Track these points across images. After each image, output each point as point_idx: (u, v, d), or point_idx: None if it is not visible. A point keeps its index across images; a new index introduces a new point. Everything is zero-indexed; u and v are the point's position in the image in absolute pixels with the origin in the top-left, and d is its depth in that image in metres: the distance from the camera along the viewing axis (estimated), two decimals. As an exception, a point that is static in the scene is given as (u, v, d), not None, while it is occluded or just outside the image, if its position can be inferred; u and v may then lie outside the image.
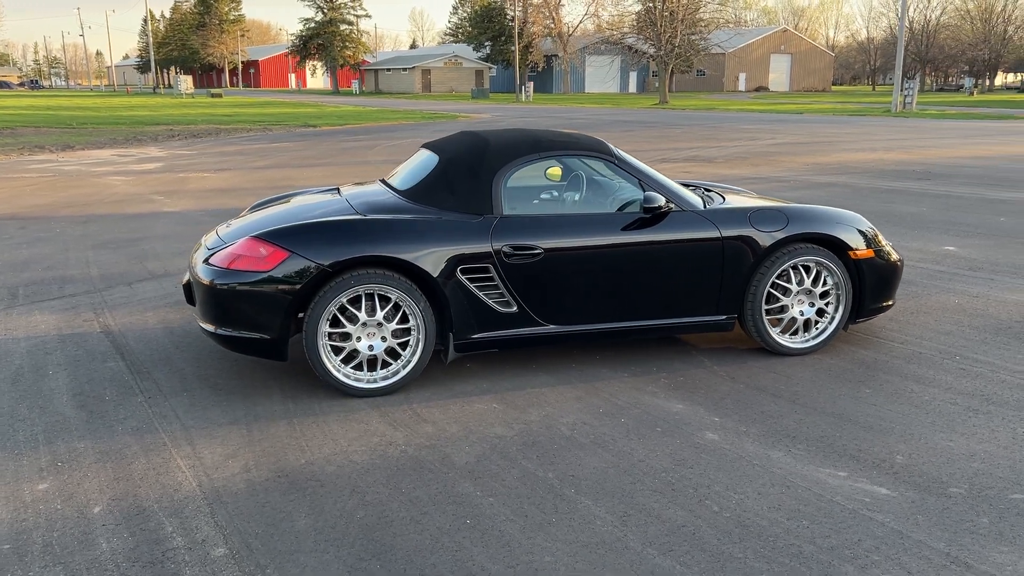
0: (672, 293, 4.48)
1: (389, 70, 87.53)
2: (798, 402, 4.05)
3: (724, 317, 4.61)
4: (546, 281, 4.29)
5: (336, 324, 4.07)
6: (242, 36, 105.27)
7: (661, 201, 4.35)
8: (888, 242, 4.92)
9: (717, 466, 3.39)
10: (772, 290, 4.62)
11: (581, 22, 76.36)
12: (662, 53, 49.63)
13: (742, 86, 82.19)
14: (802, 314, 4.68)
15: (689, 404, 4.03)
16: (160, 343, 4.97)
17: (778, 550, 2.78)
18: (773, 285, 4.61)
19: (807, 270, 4.64)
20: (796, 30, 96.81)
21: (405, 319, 4.14)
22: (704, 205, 4.64)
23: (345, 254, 3.97)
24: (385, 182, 4.96)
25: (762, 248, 4.51)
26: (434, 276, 4.10)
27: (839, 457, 3.46)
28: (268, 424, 3.80)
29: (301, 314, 4.11)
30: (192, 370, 4.51)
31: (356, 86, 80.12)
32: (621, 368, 4.52)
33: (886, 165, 14.69)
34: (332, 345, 4.08)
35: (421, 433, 3.71)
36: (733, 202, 4.86)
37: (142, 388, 4.25)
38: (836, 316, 4.72)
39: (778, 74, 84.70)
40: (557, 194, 5.03)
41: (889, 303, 4.90)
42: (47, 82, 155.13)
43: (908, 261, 7.03)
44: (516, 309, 4.28)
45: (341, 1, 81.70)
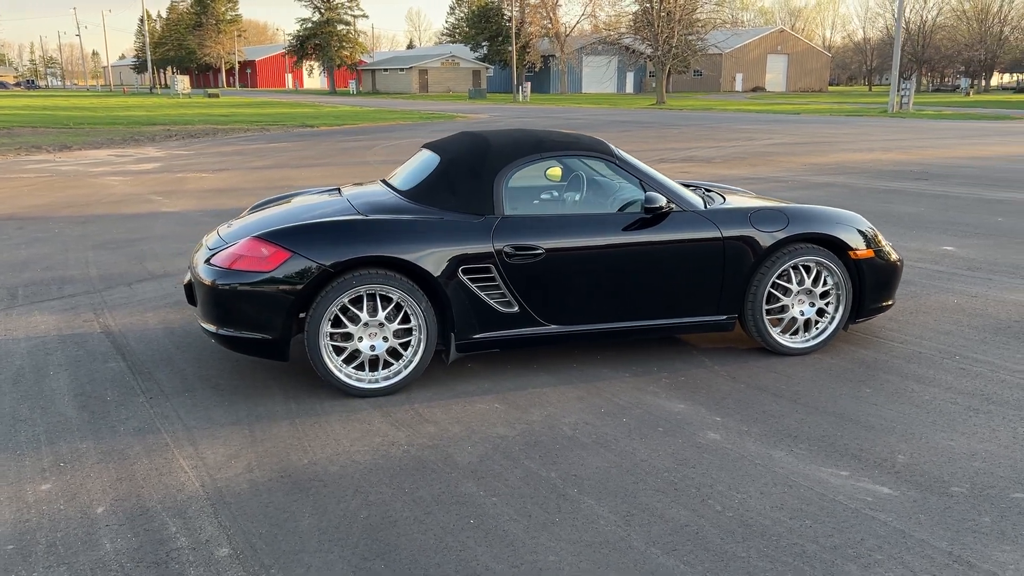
0: (673, 293, 4.49)
1: (386, 70, 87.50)
2: (799, 402, 4.06)
3: (725, 317, 4.62)
4: (547, 281, 4.29)
5: (338, 324, 4.07)
6: (239, 36, 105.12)
7: (662, 201, 4.36)
8: (888, 242, 4.93)
9: (719, 466, 3.40)
10: (772, 290, 4.63)
11: (578, 22, 76.41)
12: (659, 53, 49.66)
13: (739, 86, 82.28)
14: (802, 314, 4.69)
15: (690, 404, 4.04)
16: (161, 343, 4.97)
17: (781, 549, 2.79)
18: (773, 285, 4.62)
19: (807, 270, 4.65)
20: (793, 30, 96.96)
21: (407, 319, 4.15)
22: (705, 205, 4.65)
23: (347, 254, 3.97)
24: (386, 182, 4.96)
25: (763, 248, 4.52)
26: (436, 276, 4.10)
27: (841, 456, 3.47)
28: (270, 424, 3.81)
29: (303, 314, 4.11)
30: (193, 370, 4.51)
31: (353, 86, 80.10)
32: (622, 368, 4.53)
33: (884, 165, 14.72)
34: (334, 345, 4.08)
35: (423, 433, 3.72)
36: (734, 202, 4.87)
37: (144, 388, 4.25)
38: (836, 316, 4.74)
39: (775, 74, 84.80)
40: (557, 194, 5.04)
41: (889, 303, 4.91)
42: (43, 82, 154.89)
43: (907, 261, 7.05)
44: (517, 309, 4.29)
45: (338, 1, 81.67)
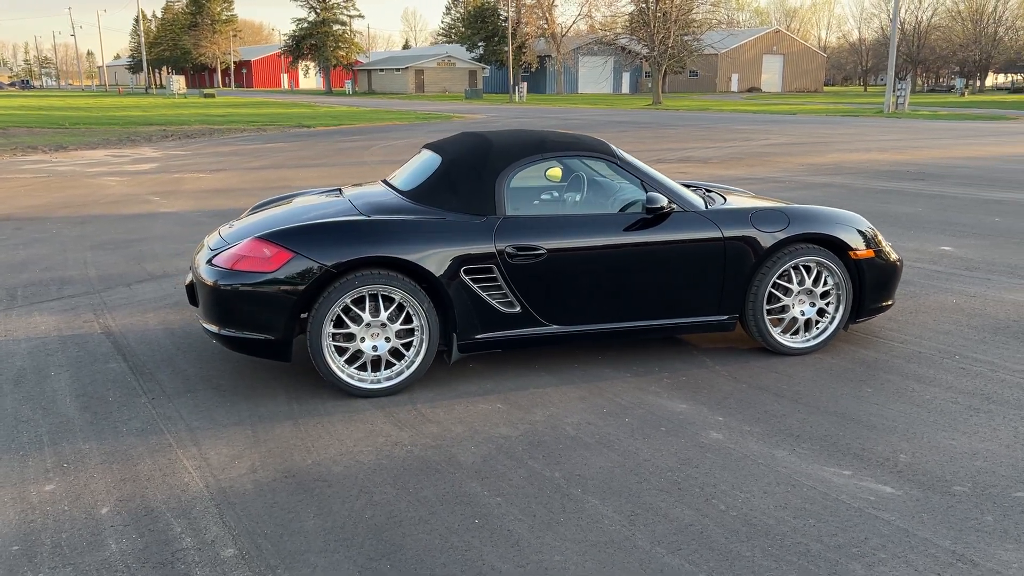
0: (674, 293, 4.50)
1: (382, 70, 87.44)
2: (800, 401, 4.07)
3: (726, 317, 4.63)
4: (549, 281, 4.30)
5: (340, 325, 4.08)
6: (234, 36, 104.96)
7: (664, 202, 4.37)
8: (888, 242, 4.95)
9: (722, 465, 3.41)
10: (773, 290, 4.64)
11: (574, 23, 76.47)
12: (655, 54, 49.71)
13: (735, 87, 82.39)
14: (803, 314, 4.71)
15: (692, 404, 4.05)
16: (161, 344, 4.97)
17: (786, 548, 2.80)
18: (774, 285, 4.63)
19: (808, 270, 4.67)
20: (788, 31, 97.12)
21: (409, 320, 4.15)
22: (706, 206, 4.66)
23: (349, 255, 3.97)
24: (387, 183, 4.97)
25: (763, 248, 4.54)
26: (438, 276, 4.10)
27: (843, 456, 3.48)
28: (273, 425, 3.81)
29: (305, 315, 4.11)
30: (195, 371, 4.50)
31: (349, 86, 79.99)
32: (623, 368, 4.54)
33: (880, 166, 14.76)
34: (336, 346, 4.08)
35: (426, 433, 3.72)
36: (734, 203, 4.88)
37: (145, 389, 4.25)
38: (837, 316, 4.75)
39: (770, 75, 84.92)
40: (558, 195, 5.05)
41: (889, 303, 4.93)
42: (38, 82, 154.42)
43: (905, 261, 7.07)
44: (519, 309, 4.30)
45: (334, 1, 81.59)
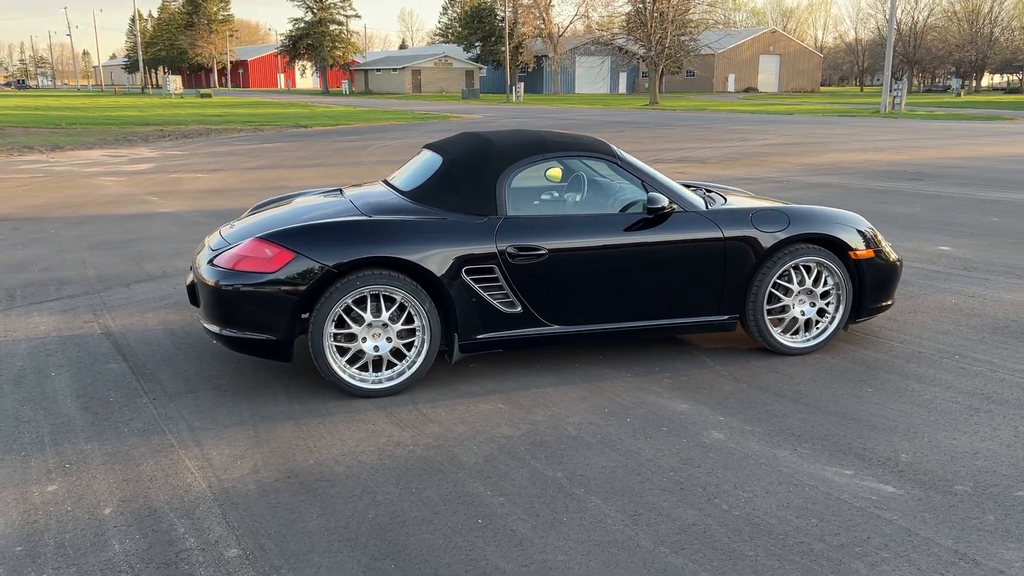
0: (675, 293, 4.50)
1: (379, 70, 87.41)
2: (801, 401, 4.08)
3: (726, 317, 4.64)
4: (550, 282, 4.30)
5: (341, 325, 4.08)
6: (231, 36, 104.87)
7: (664, 202, 4.38)
8: (888, 242, 4.96)
9: (724, 465, 3.41)
10: (773, 290, 4.65)
11: (571, 23, 76.51)
12: (652, 54, 49.73)
13: (731, 87, 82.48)
14: (803, 314, 4.71)
15: (693, 404, 4.05)
16: (162, 344, 4.96)
17: (788, 548, 2.81)
18: (774, 285, 4.64)
19: (808, 270, 4.68)
20: (785, 31, 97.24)
21: (410, 320, 4.15)
22: (706, 206, 4.67)
23: (351, 255, 3.97)
24: (388, 183, 4.97)
25: (764, 248, 4.54)
26: (439, 277, 4.11)
27: (844, 456, 3.49)
28: (274, 425, 3.81)
29: (306, 315, 4.11)
30: (195, 371, 4.50)
31: (346, 86, 79.94)
32: (624, 368, 4.54)
33: (878, 166, 14.79)
34: (338, 346, 4.08)
35: (428, 433, 3.72)
36: (734, 203, 4.89)
37: (146, 390, 4.24)
38: (837, 316, 4.76)
39: (767, 75, 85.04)
40: (558, 195, 5.05)
41: (888, 303, 4.94)
42: (34, 82, 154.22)
43: (904, 261, 7.08)
44: (520, 310, 4.30)
45: (331, 1, 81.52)
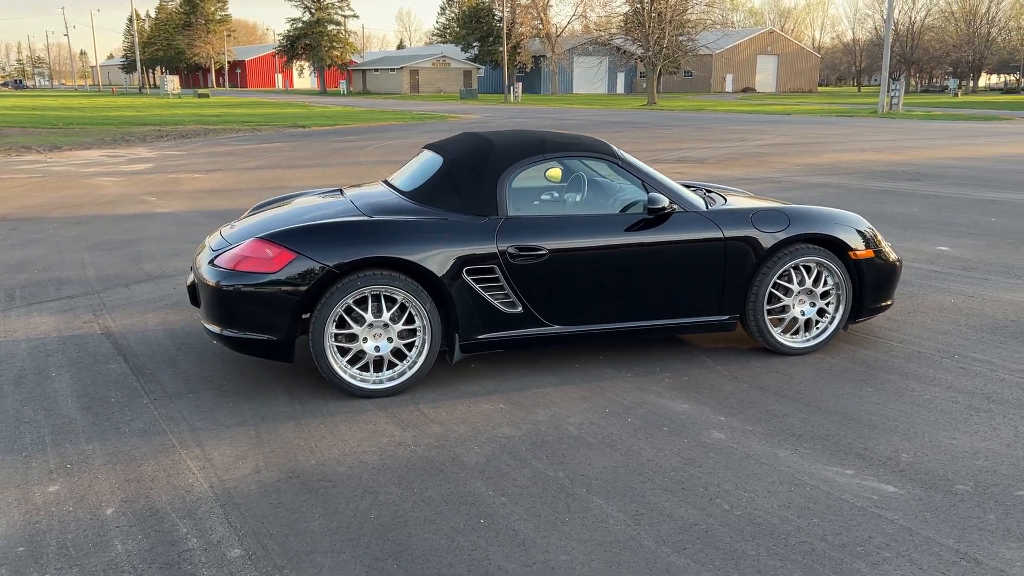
0: (676, 293, 4.51)
1: (377, 70, 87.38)
2: (802, 401, 4.08)
3: (727, 317, 4.64)
4: (551, 282, 4.31)
5: (342, 325, 4.08)
6: (228, 36, 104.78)
7: (665, 202, 4.38)
8: (887, 242, 4.97)
9: (725, 465, 3.42)
10: (774, 290, 4.65)
11: (569, 23, 76.50)
12: (650, 54, 49.75)
13: (729, 87, 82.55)
14: (803, 314, 4.72)
15: (694, 404, 4.06)
16: (162, 345, 4.96)
17: (790, 548, 2.82)
18: (775, 285, 4.64)
19: (808, 270, 4.68)
20: (782, 31, 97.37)
21: (411, 320, 4.15)
22: (706, 206, 4.68)
23: (352, 255, 3.97)
24: (388, 183, 4.97)
25: (764, 249, 4.55)
26: (440, 277, 4.11)
27: (845, 455, 3.49)
28: (276, 425, 3.81)
29: (307, 315, 4.11)
30: (196, 371, 4.50)
31: (343, 86, 79.90)
32: (624, 368, 4.55)
33: (876, 166, 14.81)
34: (339, 346, 4.08)
35: (429, 434, 3.73)
36: (735, 203, 4.90)
37: (147, 390, 4.24)
38: (836, 316, 4.77)
39: (765, 75, 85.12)
40: (558, 195, 5.05)
41: (888, 303, 4.95)
42: (31, 82, 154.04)
43: (903, 261, 7.09)
44: (521, 310, 4.30)
45: (328, 1, 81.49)
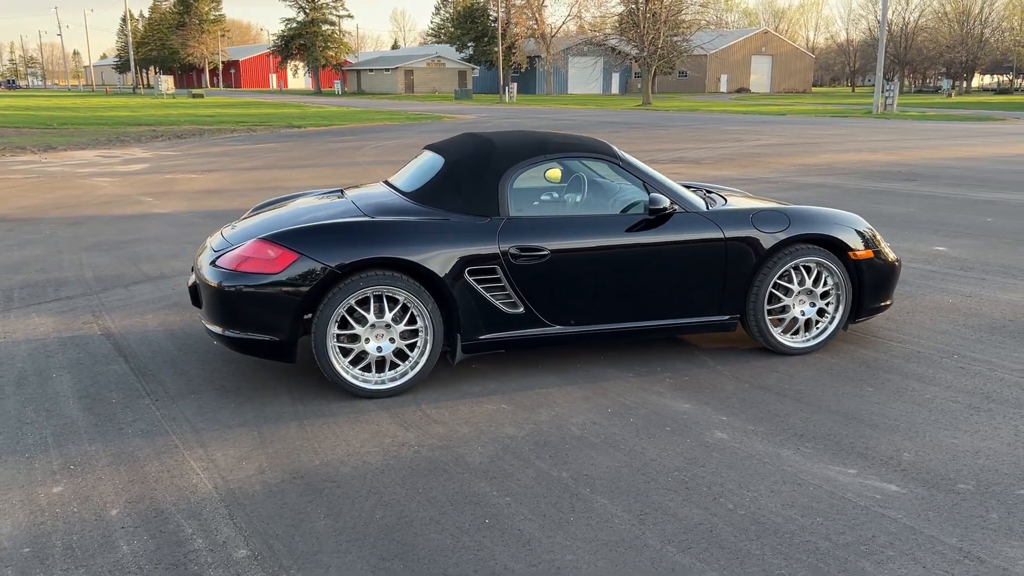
0: (677, 294, 4.52)
1: (371, 70, 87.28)
2: (803, 401, 4.10)
3: (727, 317, 4.66)
4: (552, 282, 4.31)
5: (344, 326, 4.08)
6: (222, 36, 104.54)
7: (666, 203, 4.40)
8: (887, 243, 4.99)
9: (728, 464, 3.43)
10: (774, 290, 4.67)
11: (564, 23, 76.59)
12: (645, 54, 49.78)
13: (724, 87, 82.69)
14: (803, 314, 4.74)
15: (696, 404, 4.07)
16: (162, 345, 4.95)
17: (795, 547, 2.83)
18: (775, 285, 4.66)
19: (808, 270, 4.70)
20: (777, 32, 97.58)
21: (413, 320, 4.16)
22: (707, 207, 4.69)
23: (354, 256, 3.97)
24: (389, 183, 4.97)
25: (764, 249, 4.56)
26: (442, 277, 4.11)
27: (847, 455, 3.51)
28: (279, 426, 3.81)
29: (309, 316, 4.11)
30: (197, 372, 4.50)
31: (338, 86, 79.85)
32: (626, 368, 4.56)
33: (871, 166, 14.85)
34: (341, 347, 4.08)
35: (432, 434, 3.73)
36: (735, 203, 4.91)
37: (148, 391, 4.24)
38: (836, 316, 4.79)
39: (759, 75, 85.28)
40: (558, 195, 5.06)
41: (887, 303, 4.97)
42: (24, 82, 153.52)
43: (901, 261, 7.11)
44: (523, 310, 4.31)
45: (323, 1, 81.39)
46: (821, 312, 4.79)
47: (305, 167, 15.15)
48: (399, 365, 4.18)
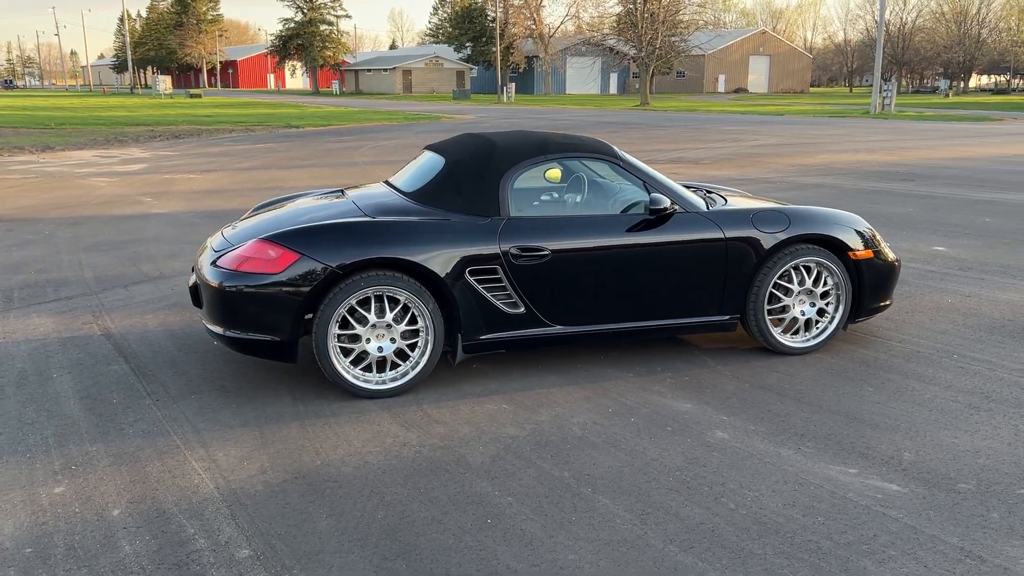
0: (677, 294, 4.53)
1: (369, 71, 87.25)
2: (803, 400, 4.11)
3: (727, 317, 4.66)
4: (553, 282, 4.32)
5: (345, 326, 4.08)
6: (220, 36, 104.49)
7: (667, 203, 4.40)
8: (886, 243, 5.00)
9: (730, 464, 3.44)
10: (774, 290, 4.67)
11: (562, 23, 76.64)
12: (643, 55, 49.82)
13: (722, 88, 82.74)
14: (803, 314, 4.74)
15: (697, 403, 4.08)
16: (163, 345, 4.95)
17: (797, 546, 2.83)
18: (775, 285, 4.67)
19: (808, 270, 4.71)
20: (774, 32, 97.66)
21: (414, 320, 4.16)
22: (707, 207, 4.69)
23: (355, 256, 3.98)
24: (390, 184, 4.97)
25: (764, 249, 4.57)
26: (443, 277, 4.12)
27: (848, 454, 3.52)
28: (280, 426, 3.81)
29: (310, 316, 4.11)
30: (198, 372, 4.50)
31: (336, 87, 79.78)
32: (627, 368, 4.56)
33: (870, 166, 14.87)
34: (341, 347, 4.09)
35: (434, 434, 3.73)
36: (735, 203, 4.92)
37: (149, 391, 4.24)
38: (836, 316, 4.79)
39: (757, 76, 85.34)
40: (559, 196, 5.07)
41: (887, 303, 4.98)
42: (21, 82, 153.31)
43: (901, 261, 7.13)
44: (523, 310, 4.31)
45: (321, 1, 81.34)
46: (821, 312, 4.80)
47: (303, 167, 15.14)
48: (400, 365, 4.19)
